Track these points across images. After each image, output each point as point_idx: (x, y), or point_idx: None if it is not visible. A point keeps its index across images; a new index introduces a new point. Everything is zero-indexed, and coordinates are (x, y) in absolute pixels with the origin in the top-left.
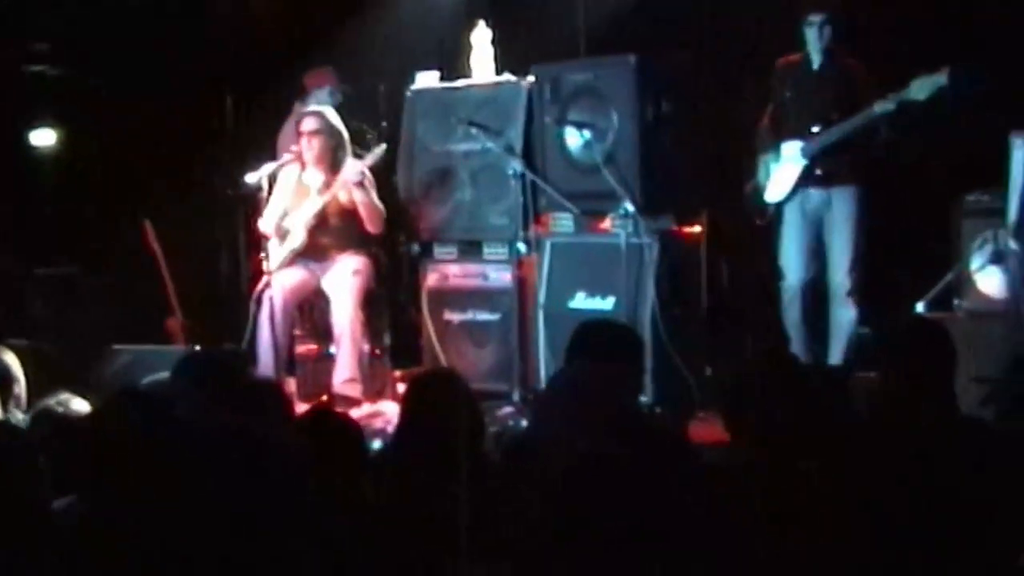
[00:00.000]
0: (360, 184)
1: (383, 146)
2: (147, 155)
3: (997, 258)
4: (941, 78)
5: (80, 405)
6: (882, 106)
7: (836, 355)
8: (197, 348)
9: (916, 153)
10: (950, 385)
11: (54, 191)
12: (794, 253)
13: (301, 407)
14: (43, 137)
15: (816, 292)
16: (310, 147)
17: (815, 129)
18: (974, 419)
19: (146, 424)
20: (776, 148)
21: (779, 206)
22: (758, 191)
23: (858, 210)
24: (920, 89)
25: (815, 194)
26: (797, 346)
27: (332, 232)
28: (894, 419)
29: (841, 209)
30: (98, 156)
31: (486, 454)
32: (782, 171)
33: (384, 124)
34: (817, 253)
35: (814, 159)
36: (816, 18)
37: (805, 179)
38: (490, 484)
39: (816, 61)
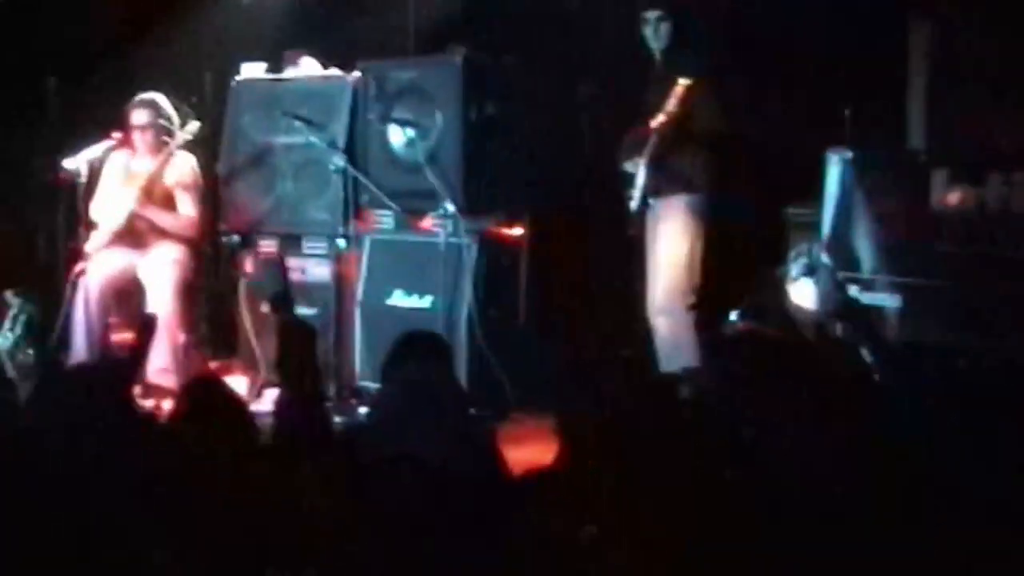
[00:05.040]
0: (187, 187)
1: (197, 123)
2: None
3: (809, 271)
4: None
5: None
6: (662, 116)
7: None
8: None
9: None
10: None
11: None
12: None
13: None
14: None
15: None
16: (143, 139)
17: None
18: None
19: None
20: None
21: (639, 216)
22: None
23: (683, 218)
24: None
25: (652, 204)
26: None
27: (151, 219)
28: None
29: (666, 220)
30: None
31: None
32: (637, 178)
33: (203, 113)
34: None
35: (650, 164)
36: (651, 15)
37: (648, 185)
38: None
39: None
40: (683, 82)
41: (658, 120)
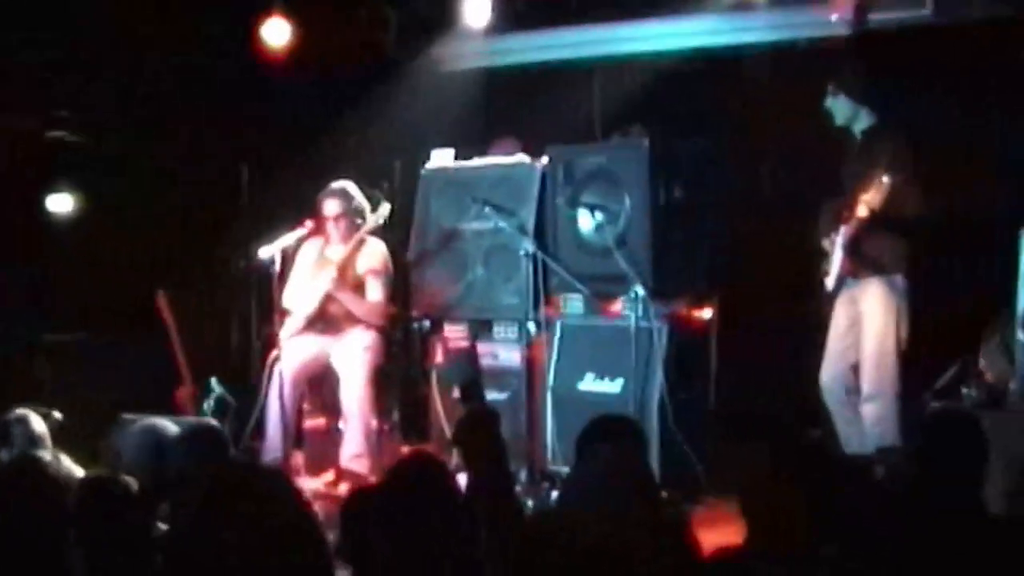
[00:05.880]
0: (376, 273)
1: (387, 206)
2: (162, 224)
3: (1007, 348)
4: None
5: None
6: (864, 209)
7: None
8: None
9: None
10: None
11: (68, 257)
12: (830, 344)
13: (308, 481)
14: (60, 203)
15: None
16: (336, 228)
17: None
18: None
19: None
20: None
21: (833, 295)
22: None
23: (884, 303)
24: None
25: (851, 283)
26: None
27: (344, 305)
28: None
29: (869, 301)
30: (113, 224)
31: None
32: (833, 257)
33: (392, 199)
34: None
35: (847, 248)
36: (841, 94)
37: (844, 267)
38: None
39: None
40: (886, 179)
41: (860, 212)
